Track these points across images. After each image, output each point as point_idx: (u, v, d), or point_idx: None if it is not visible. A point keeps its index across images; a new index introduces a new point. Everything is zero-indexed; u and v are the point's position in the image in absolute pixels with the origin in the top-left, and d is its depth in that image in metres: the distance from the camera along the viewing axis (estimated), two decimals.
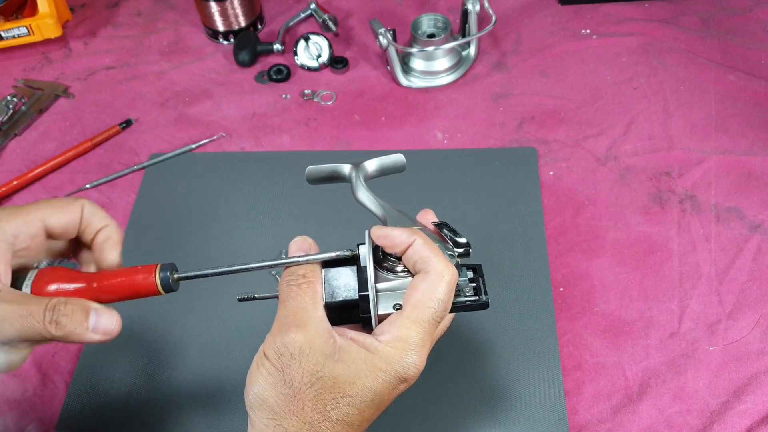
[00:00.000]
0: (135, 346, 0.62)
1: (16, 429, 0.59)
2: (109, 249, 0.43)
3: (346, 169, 0.49)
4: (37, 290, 0.40)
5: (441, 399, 0.56)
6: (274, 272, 0.66)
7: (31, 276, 0.40)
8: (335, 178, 0.49)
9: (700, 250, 0.65)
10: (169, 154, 0.78)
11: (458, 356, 0.59)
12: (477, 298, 0.42)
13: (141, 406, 0.58)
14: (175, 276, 0.42)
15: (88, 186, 0.76)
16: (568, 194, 0.70)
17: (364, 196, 0.47)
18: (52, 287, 0.40)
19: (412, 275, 0.41)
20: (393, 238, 0.40)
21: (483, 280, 0.43)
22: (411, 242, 0.40)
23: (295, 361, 0.37)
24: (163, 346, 0.62)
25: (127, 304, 0.67)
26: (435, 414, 0.56)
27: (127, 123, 0.83)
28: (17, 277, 0.40)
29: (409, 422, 0.55)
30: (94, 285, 0.41)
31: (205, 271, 0.43)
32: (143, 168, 0.78)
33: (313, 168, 0.48)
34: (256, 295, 0.43)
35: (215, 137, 0.80)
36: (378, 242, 0.41)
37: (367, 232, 0.43)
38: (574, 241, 0.66)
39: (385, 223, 0.44)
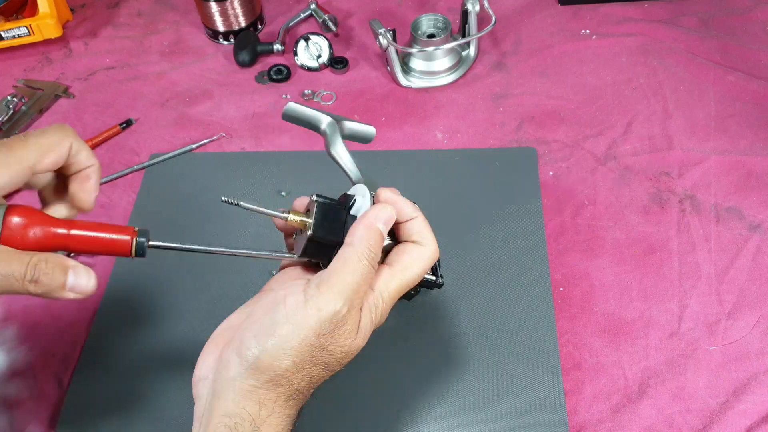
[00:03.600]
0: (135, 345, 0.62)
1: (16, 429, 0.59)
2: (88, 190, 0.42)
3: (324, 121, 0.49)
4: (11, 232, 0.38)
5: (440, 399, 0.56)
6: (274, 272, 0.66)
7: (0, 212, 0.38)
8: (311, 125, 0.49)
9: (699, 250, 0.65)
10: (170, 154, 0.78)
11: (458, 356, 0.59)
12: (435, 278, 0.47)
13: (141, 405, 0.58)
14: (150, 243, 0.43)
15: None
16: (568, 194, 0.70)
17: (342, 152, 0.48)
18: (31, 233, 0.38)
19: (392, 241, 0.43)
20: (401, 206, 0.42)
21: (439, 265, 0.48)
22: (415, 216, 0.43)
23: None
24: (163, 346, 0.62)
25: (129, 305, 0.67)
26: (434, 414, 0.56)
27: (128, 123, 0.83)
28: None
29: (409, 422, 0.55)
30: (71, 232, 0.39)
31: (178, 245, 0.44)
32: (143, 168, 0.78)
33: (293, 107, 0.48)
34: (241, 203, 0.42)
35: (215, 137, 0.80)
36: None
37: (368, 193, 0.44)
38: (574, 241, 0.66)
39: (354, 183, 0.47)
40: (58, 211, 0.43)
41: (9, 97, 0.86)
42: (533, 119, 0.78)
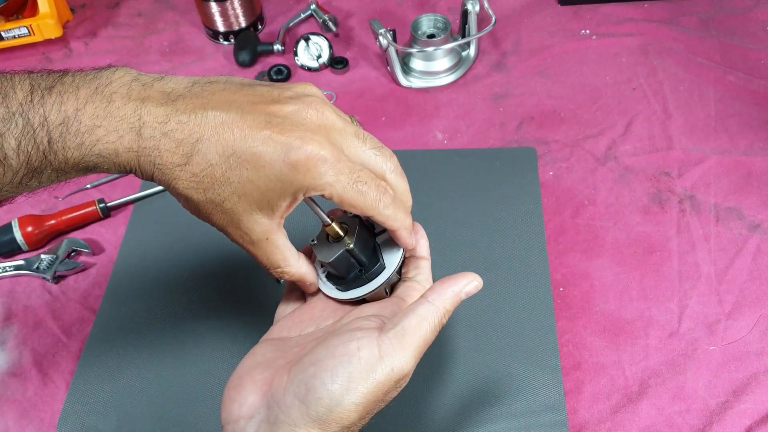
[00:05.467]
0: (136, 345, 0.62)
1: (16, 429, 0.59)
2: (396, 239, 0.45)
3: None
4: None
5: (440, 399, 0.56)
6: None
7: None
8: None
9: (699, 250, 0.65)
10: None
11: (457, 356, 0.59)
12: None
13: (141, 405, 0.58)
14: (108, 204, 0.59)
15: (88, 186, 0.76)
16: (568, 194, 0.70)
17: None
18: (36, 231, 0.70)
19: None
20: (422, 244, 0.47)
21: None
22: (427, 258, 0.47)
23: None
24: (164, 346, 0.62)
25: (130, 305, 0.67)
26: (434, 414, 0.56)
27: None
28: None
29: (408, 422, 0.55)
30: (58, 220, 0.70)
31: (135, 196, 0.49)
32: None
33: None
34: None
35: None
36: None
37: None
38: (574, 241, 0.66)
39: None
40: None
41: None
42: (533, 119, 0.78)
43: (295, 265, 0.44)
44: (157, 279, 0.67)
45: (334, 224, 0.44)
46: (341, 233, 0.44)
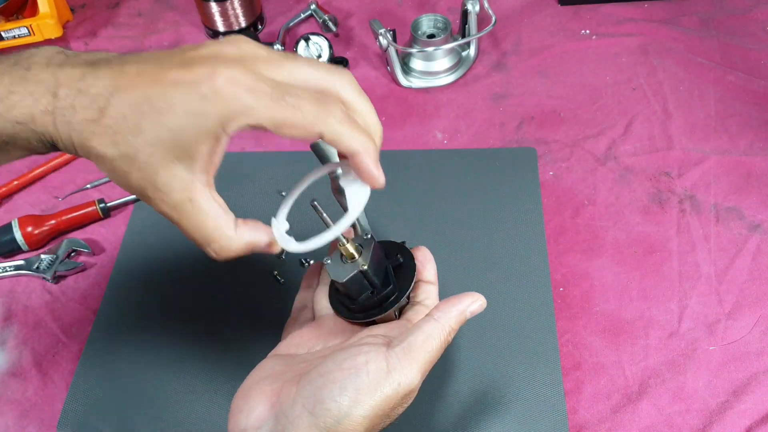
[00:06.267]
0: (136, 346, 0.62)
1: (16, 429, 0.59)
2: (357, 169, 0.39)
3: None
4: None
5: (440, 398, 0.56)
6: (275, 272, 0.66)
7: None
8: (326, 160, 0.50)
9: (699, 250, 0.65)
10: None
11: (457, 356, 0.59)
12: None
13: (141, 405, 0.58)
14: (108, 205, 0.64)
15: (88, 186, 0.76)
16: (568, 194, 0.70)
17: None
18: (37, 231, 0.71)
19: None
20: (429, 268, 0.48)
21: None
22: (434, 283, 0.48)
23: None
24: (164, 346, 0.62)
25: (130, 305, 0.67)
26: (434, 413, 0.56)
27: None
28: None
29: (408, 423, 0.55)
30: (58, 220, 0.71)
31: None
32: None
33: (322, 148, 0.49)
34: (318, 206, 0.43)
35: None
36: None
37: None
38: (574, 241, 0.66)
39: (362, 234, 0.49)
40: None
41: None
42: (533, 119, 0.78)
43: (231, 235, 0.38)
44: (157, 279, 0.67)
45: (348, 245, 0.44)
46: (355, 254, 0.44)
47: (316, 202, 0.41)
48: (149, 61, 0.35)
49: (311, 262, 0.66)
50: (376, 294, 0.44)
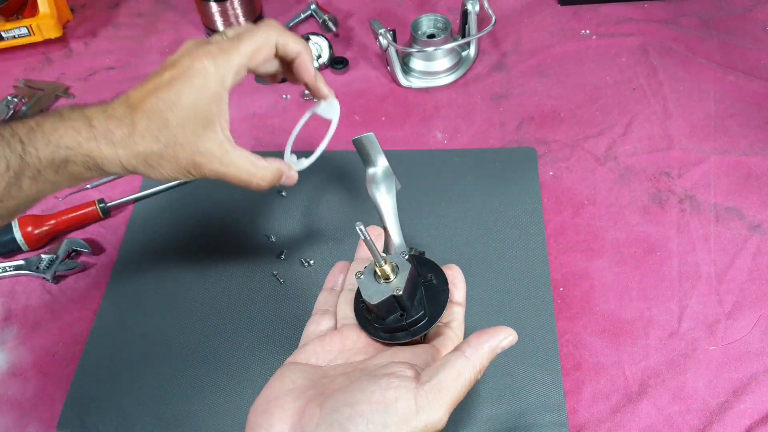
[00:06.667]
0: (136, 346, 0.62)
1: (16, 429, 0.59)
2: (305, 72, 0.53)
3: (382, 166, 0.57)
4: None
5: None
6: (275, 272, 0.66)
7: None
8: (369, 161, 0.57)
9: (699, 250, 0.65)
10: None
11: None
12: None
13: (141, 405, 0.58)
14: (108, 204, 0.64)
15: (88, 186, 0.76)
16: (568, 194, 0.70)
17: (388, 202, 0.56)
18: (37, 231, 0.70)
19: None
20: (460, 287, 0.47)
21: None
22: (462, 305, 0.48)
23: None
24: (164, 346, 0.62)
25: (130, 305, 0.67)
26: None
27: None
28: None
29: None
30: (57, 221, 0.71)
31: (135, 195, 0.52)
32: None
33: (373, 137, 0.56)
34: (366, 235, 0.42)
35: None
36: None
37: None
38: (574, 241, 0.66)
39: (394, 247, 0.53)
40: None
41: (9, 98, 0.86)
42: (533, 119, 0.78)
43: (265, 166, 0.50)
44: (156, 279, 0.67)
45: (386, 266, 0.43)
46: (391, 275, 0.43)
47: (361, 226, 0.41)
48: (142, 84, 0.47)
49: (311, 262, 0.66)
50: (405, 317, 0.43)
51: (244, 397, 0.58)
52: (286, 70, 0.54)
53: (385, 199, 0.55)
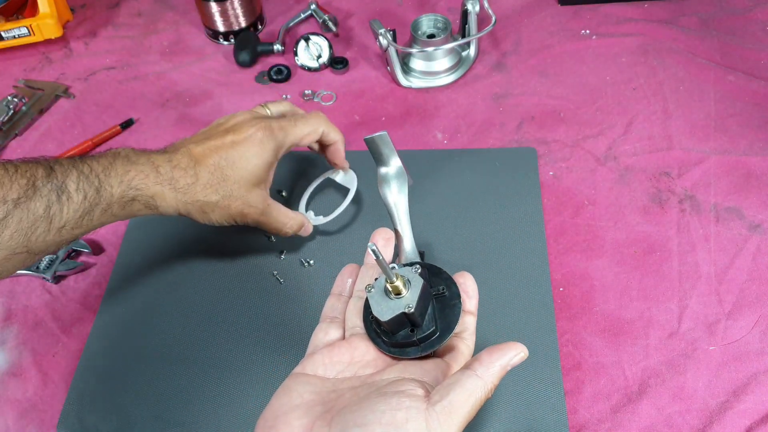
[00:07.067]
0: (136, 345, 0.62)
1: (16, 429, 0.59)
2: (336, 155, 0.65)
3: (395, 166, 0.57)
4: None
5: None
6: (275, 272, 0.66)
7: None
8: (382, 160, 0.57)
9: (699, 250, 0.65)
10: None
11: None
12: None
13: (141, 405, 0.58)
14: None
15: None
16: (568, 194, 0.70)
17: (402, 203, 0.56)
18: None
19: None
20: (472, 295, 0.47)
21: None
22: (474, 314, 0.48)
23: None
24: (164, 346, 0.62)
25: (130, 305, 0.67)
26: None
27: (128, 123, 0.83)
28: None
29: None
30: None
31: None
32: None
33: (387, 137, 0.56)
34: (379, 256, 0.41)
35: None
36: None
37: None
38: (574, 241, 0.66)
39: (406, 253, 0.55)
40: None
41: (9, 97, 0.86)
42: (533, 119, 0.78)
43: (294, 217, 0.62)
44: (156, 279, 0.67)
45: (398, 282, 0.42)
46: (403, 290, 0.42)
47: (374, 247, 0.40)
48: (201, 140, 0.56)
49: (311, 262, 0.66)
50: (416, 333, 0.42)
51: (244, 396, 0.58)
52: (321, 148, 0.65)
53: (398, 199, 0.55)
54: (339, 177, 0.68)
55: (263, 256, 0.68)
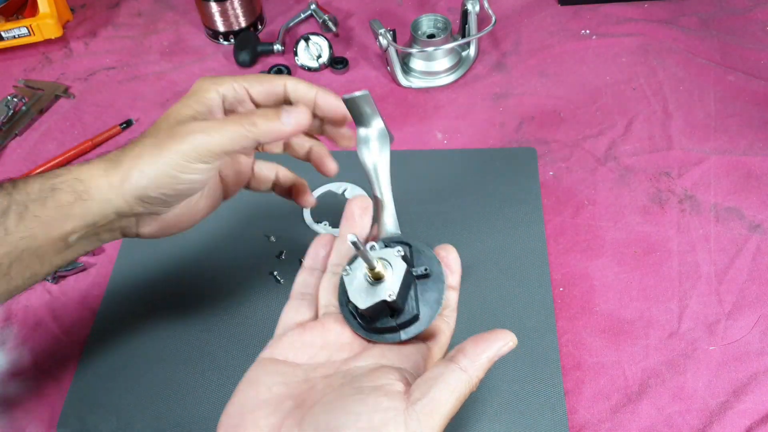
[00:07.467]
0: (136, 346, 0.62)
1: (16, 429, 0.59)
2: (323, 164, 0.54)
3: (377, 127, 0.51)
4: None
5: None
6: (275, 273, 0.66)
7: None
8: (363, 121, 0.50)
9: (699, 250, 0.65)
10: None
11: None
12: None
13: (141, 405, 0.58)
14: None
15: None
16: (568, 194, 0.70)
17: (384, 165, 0.49)
18: None
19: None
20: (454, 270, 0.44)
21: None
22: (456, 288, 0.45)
23: None
24: (164, 347, 0.62)
25: (130, 305, 0.67)
26: None
27: (128, 123, 0.83)
28: None
29: None
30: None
31: None
32: None
33: (369, 96, 0.49)
34: (360, 248, 0.38)
35: None
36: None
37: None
38: (574, 241, 0.66)
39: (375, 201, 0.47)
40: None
41: (9, 97, 0.86)
42: (533, 119, 0.78)
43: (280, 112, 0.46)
44: (157, 279, 0.67)
45: (378, 268, 0.39)
46: (384, 274, 0.39)
47: (355, 239, 0.37)
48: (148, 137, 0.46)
49: None
50: (396, 318, 0.40)
51: None
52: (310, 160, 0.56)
53: (378, 160, 0.48)
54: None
55: (263, 256, 0.68)
